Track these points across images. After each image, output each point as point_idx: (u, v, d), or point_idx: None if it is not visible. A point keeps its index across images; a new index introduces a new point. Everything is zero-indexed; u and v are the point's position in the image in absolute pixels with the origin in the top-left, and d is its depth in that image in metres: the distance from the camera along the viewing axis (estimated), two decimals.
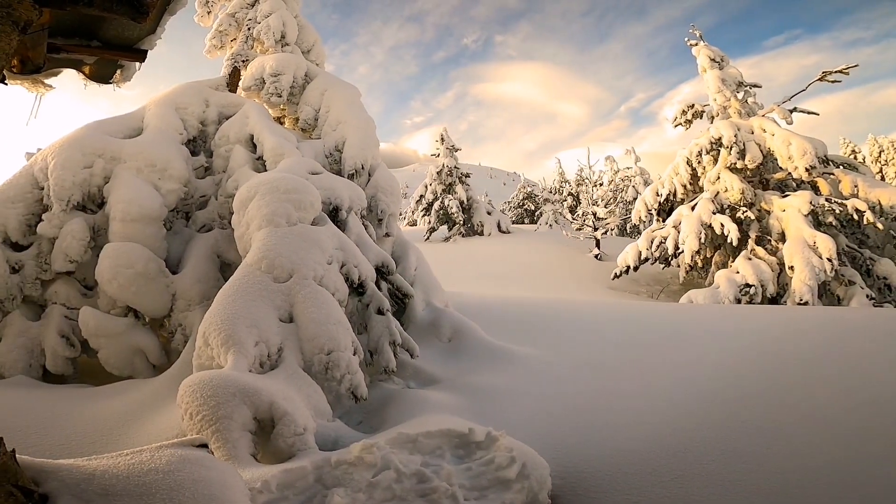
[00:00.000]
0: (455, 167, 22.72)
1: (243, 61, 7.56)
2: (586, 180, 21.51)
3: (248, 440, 2.41)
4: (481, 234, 21.23)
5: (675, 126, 15.57)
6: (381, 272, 4.63)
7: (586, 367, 4.53)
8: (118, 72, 2.80)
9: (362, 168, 6.06)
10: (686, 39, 15.22)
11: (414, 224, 29.28)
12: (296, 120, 7.21)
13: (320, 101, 6.99)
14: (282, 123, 7.50)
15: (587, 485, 2.49)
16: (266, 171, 5.29)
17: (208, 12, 8.51)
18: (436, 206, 21.29)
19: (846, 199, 11.36)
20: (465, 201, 21.54)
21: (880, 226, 10.88)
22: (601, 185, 24.88)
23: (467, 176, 23.11)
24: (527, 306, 7.49)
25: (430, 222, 21.42)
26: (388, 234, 5.79)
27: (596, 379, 4.11)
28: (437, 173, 22.53)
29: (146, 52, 2.70)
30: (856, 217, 10.94)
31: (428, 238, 21.43)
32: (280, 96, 6.94)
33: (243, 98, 6.92)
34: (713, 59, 14.42)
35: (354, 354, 3.64)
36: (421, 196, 22.35)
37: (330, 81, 7.13)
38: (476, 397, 4.20)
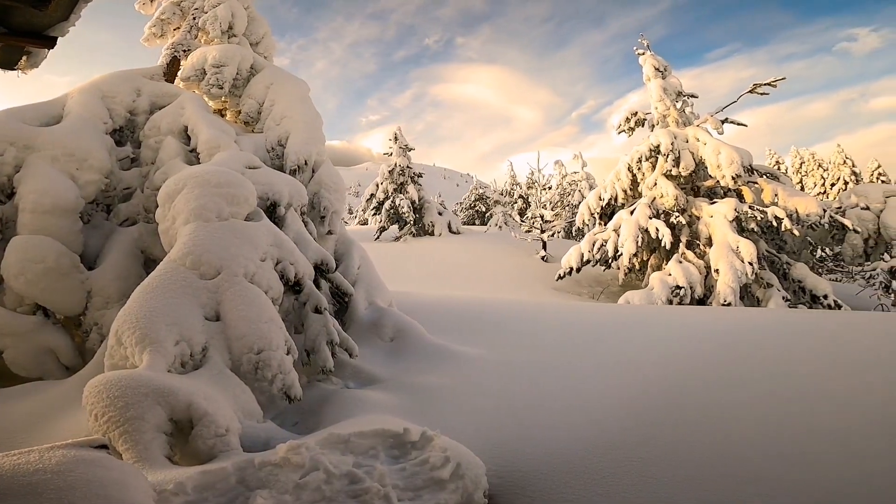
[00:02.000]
0: (407, 167, 22.67)
1: (184, 51, 7.19)
2: (535, 184, 22.07)
3: (162, 442, 2.30)
4: (432, 234, 21.30)
5: (619, 133, 16.24)
6: (321, 270, 4.55)
7: (527, 366, 4.61)
8: (24, 58, 2.60)
9: (306, 164, 5.93)
10: (635, 48, 15.76)
11: (365, 223, 28.95)
12: (238, 113, 6.95)
13: (265, 95, 6.78)
14: (223, 116, 7.20)
15: (525, 484, 2.54)
16: (200, 164, 5.06)
17: (151, 0, 8.04)
18: (386, 205, 21.14)
19: (767, 206, 12.29)
20: (417, 201, 21.54)
21: (797, 232, 11.85)
22: (549, 188, 25.63)
23: (420, 176, 23.12)
24: (472, 306, 7.58)
25: (380, 221, 21.25)
26: (330, 231, 5.70)
27: (536, 378, 4.21)
28: (389, 172, 22.39)
29: (55, 38, 2.53)
30: (775, 224, 11.85)
31: (378, 237, 21.24)
32: (221, 88, 6.66)
33: (180, 89, 6.58)
34: (657, 69, 15.02)
35: (288, 354, 3.55)
36: (372, 195, 22.13)
37: (277, 75, 6.93)
38: (416, 397, 4.20)
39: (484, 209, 36.23)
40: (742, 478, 2.24)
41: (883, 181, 33.29)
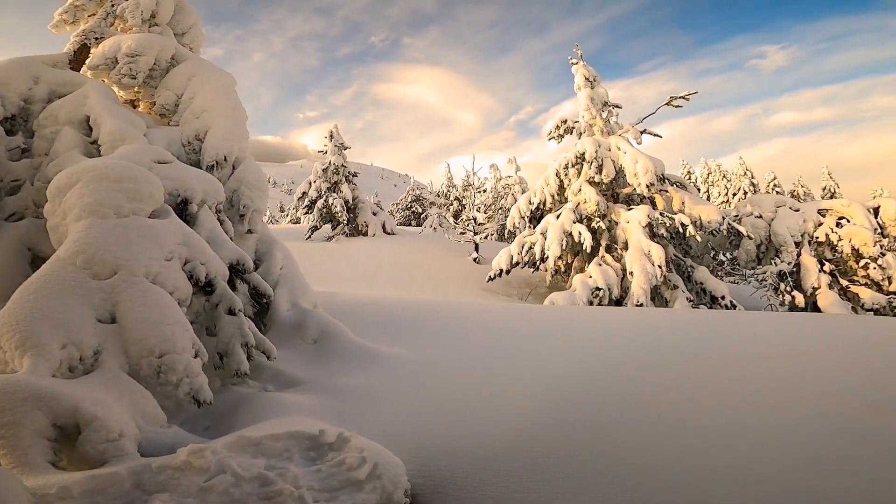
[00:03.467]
0: (342, 165, 22.28)
1: (96, 38, 6.65)
2: (470, 186, 22.48)
3: (43, 447, 2.18)
4: (365, 234, 21.09)
5: (549, 139, 16.87)
6: (237, 271, 4.43)
7: (454, 366, 4.69)
8: None
9: (225, 160, 5.72)
10: (569, 58, 16.26)
11: (297, 222, 28.08)
12: (152, 105, 6.54)
13: (185, 87, 6.43)
14: (135, 107, 6.75)
15: (448, 482, 2.57)
16: (101, 156, 4.74)
17: None
18: (319, 204, 20.63)
19: (675, 213, 13.38)
20: (351, 201, 21.23)
21: (699, 238, 13.01)
22: (484, 191, 26.22)
23: (355, 175, 22.80)
24: (401, 307, 7.62)
25: (312, 220, 20.71)
26: (250, 230, 5.53)
27: (463, 378, 4.28)
28: (323, 171, 21.89)
29: None
30: (681, 230, 12.93)
31: (310, 237, 20.69)
32: (135, 78, 6.24)
33: (87, 78, 6.10)
34: (588, 79, 15.56)
35: (196, 357, 3.44)
36: (304, 193, 21.50)
37: (201, 67, 6.60)
38: (340, 399, 4.19)
39: (420, 210, 36.39)
40: (652, 467, 2.42)
41: (777, 192, 37.27)
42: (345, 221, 20.56)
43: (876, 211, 13.19)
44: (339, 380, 4.64)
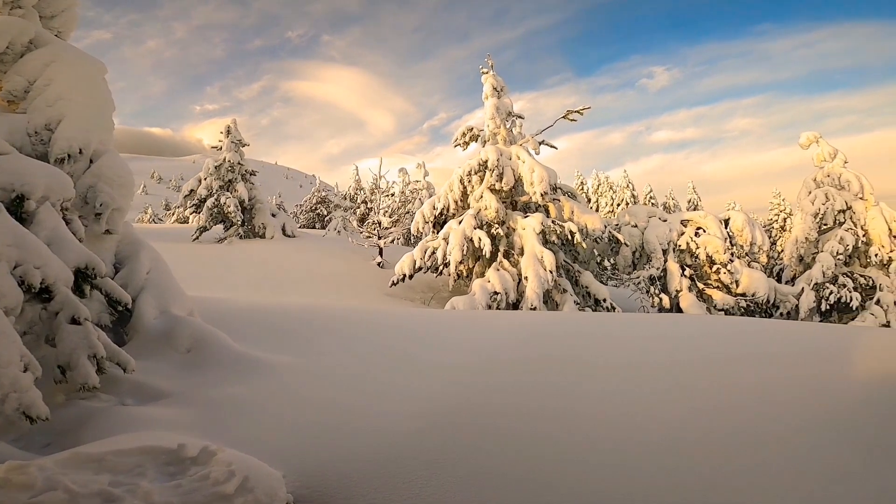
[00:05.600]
0: (239, 163, 20.89)
1: None
2: (377, 190, 22.27)
3: None
4: (263, 236, 19.95)
5: (455, 146, 17.25)
6: (85, 276, 3.95)
7: (344, 374, 4.62)
8: None
9: (80, 153, 5.10)
10: (481, 67, 16.58)
11: (185, 221, 25.81)
12: None
13: (41, 73, 5.65)
14: None
15: (333, 492, 2.54)
16: None
17: None
18: (209, 203, 19.11)
19: (565, 222, 14.41)
20: (247, 200, 19.96)
21: (585, 245, 14.13)
22: (392, 195, 26.10)
23: (253, 174, 21.49)
24: (293, 313, 7.32)
25: (201, 221, 19.12)
26: (108, 231, 4.98)
27: (352, 386, 4.24)
28: (216, 168, 20.35)
29: None
30: (570, 237, 13.96)
31: (197, 238, 19.07)
32: None
33: None
34: (496, 88, 16.02)
35: (26, 371, 3.06)
36: (192, 191, 19.79)
37: (64, 53, 5.82)
38: (214, 411, 3.95)
39: (325, 213, 35.34)
40: (530, 468, 2.59)
41: (652, 203, 41.78)
42: (239, 222, 19.27)
43: (727, 222, 15.30)
44: (213, 391, 4.38)
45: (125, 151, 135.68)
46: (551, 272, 13.09)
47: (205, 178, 19.98)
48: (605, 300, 13.77)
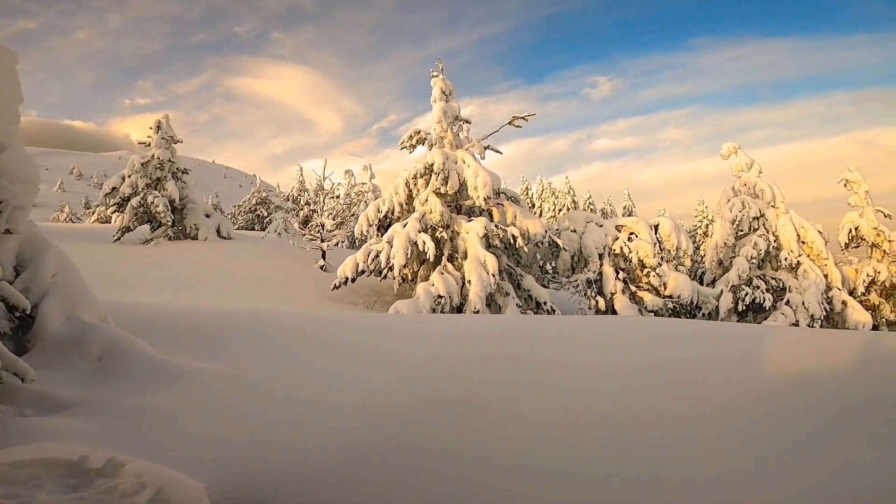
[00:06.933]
0: (170, 160, 19.65)
1: None
2: (321, 191, 21.69)
3: None
4: (195, 238, 18.84)
5: (401, 149, 17.06)
6: None
7: (279, 380, 4.44)
8: None
9: None
10: (431, 70, 16.46)
11: (108, 221, 23.93)
12: None
13: None
14: None
15: (265, 501, 2.42)
16: None
17: None
18: (134, 202, 17.80)
19: (508, 226, 14.69)
20: (178, 200, 18.78)
21: (527, 249, 14.47)
22: (337, 197, 25.54)
23: (185, 172, 20.29)
24: (223, 318, 6.96)
25: (124, 220, 17.75)
26: (9, 230, 4.48)
27: (287, 393, 4.10)
28: (143, 165, 19.00)
29: None
30: (512, 241, 14.25)
31: (119, 238, 17.69)
32: None
33: None
34: (444, 92, 15.90)
35: None
36: (114, 188, 18.36)
37: None
38: (126, 421, 3.65)
39: (266, 214, 34.02)
40: (484, 468, 2.59)
41: (591, 209, 43.69)
42: (169, 223, 18.10)
43: (656, 228, 16.21)
44: (127, 400, 4.06)
45: (41, 145, 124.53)
46: (494, 276, 13.28)
47: (129, 176, 18.59)
48: (545, 303, 14.16)
